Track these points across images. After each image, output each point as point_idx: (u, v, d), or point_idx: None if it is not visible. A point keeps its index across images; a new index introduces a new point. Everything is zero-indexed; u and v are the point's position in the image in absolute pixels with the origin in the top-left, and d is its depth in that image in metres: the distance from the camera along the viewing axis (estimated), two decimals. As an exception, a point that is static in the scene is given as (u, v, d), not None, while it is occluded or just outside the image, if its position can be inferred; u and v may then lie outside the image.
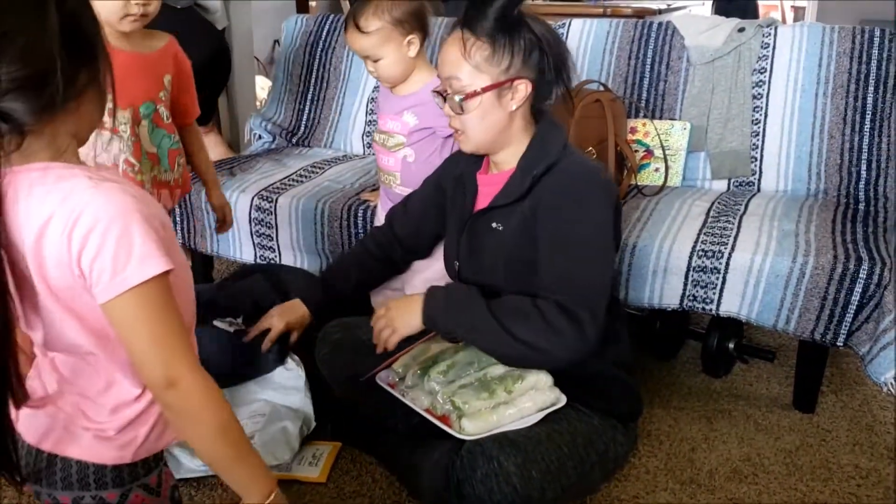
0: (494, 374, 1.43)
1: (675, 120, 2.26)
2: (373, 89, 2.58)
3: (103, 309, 0.86)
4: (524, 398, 1.41)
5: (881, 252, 1.73)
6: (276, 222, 2.15)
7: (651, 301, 1.86)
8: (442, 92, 1.44)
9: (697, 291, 1.80)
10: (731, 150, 2.20)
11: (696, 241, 1.81)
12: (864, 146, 2.08)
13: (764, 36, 2.21)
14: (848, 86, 2.10)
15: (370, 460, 1.65)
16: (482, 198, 1.53)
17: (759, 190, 2.19)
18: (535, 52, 1.39)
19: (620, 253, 1.82)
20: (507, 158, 1.48)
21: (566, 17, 2.55)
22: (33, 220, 0.84)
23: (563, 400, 1.43)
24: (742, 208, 1.99)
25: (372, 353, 1.60)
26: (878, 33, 2.08)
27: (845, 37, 2.12)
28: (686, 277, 1.80)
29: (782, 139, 2.16)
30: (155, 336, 0.86)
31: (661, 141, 2.23)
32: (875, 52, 2.08)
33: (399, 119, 1.79)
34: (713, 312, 1.81)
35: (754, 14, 4.95)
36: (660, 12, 4.22)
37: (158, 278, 0.85)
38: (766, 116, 2.18)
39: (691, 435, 1.76)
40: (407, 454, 1.55)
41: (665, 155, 2.23)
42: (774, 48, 2.19)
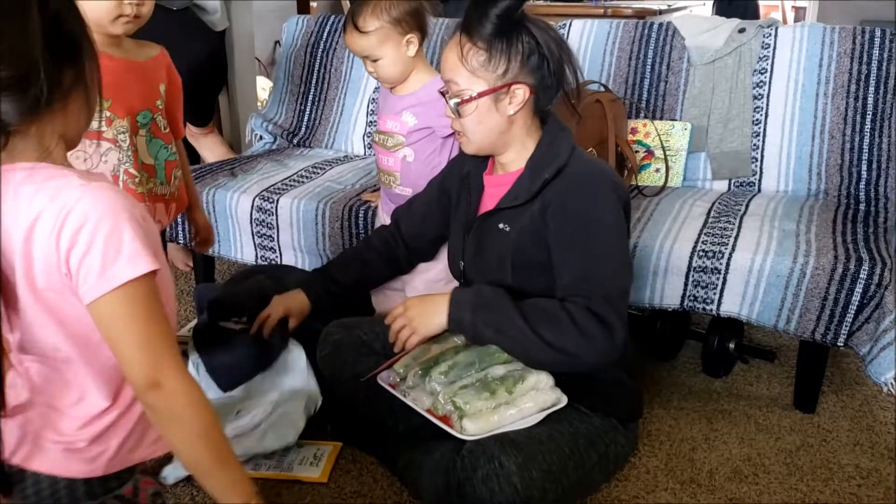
0: (495, 375, 1.43)
1: (675, 120, 2.27)
2: (374, 90, 2.58)
3: (90, 309, 0.85)
4: (525, 398, 1.41)
5: (881, 252, 1.73)
6: (277, 223, 2.15)
7: (651, 301, 1.86)
8: (444, 93, 1.45)
9: (698, 292, 1.80)
10: (731, 151, 2.20)
11: (697, 242, 1.81)
12: (865, 146, 2.08)
13: (764, 36, 2.21)
14: (848, 86, 2.10)
15: (371, 460, 1.65)
16: (488, 198, 1.53)
17: (759, 190, 2.19)
18: (533, 57, 1.38)
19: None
20: (514, 159, 1.48)
21: (567, 17, 2.55)
22: (21, 220, 0.84)
23: (563, 400, 1.43)
24: (743, 209, 1.99)
25: (373, 354, 1.60)
26: (878, 34, 2.09)
27: (846, 37, 2.12)
28: (686, 278, 1.80)
29: (783, 140, 2.16)
30: (141, 336, 0.86)
31: (661, 141, 2.23)
32: (875, 52, 2.08)
33: (398, 119, 1.79)
34: (714, 313, 1.81)
35: (755, 14, 4.96)
36: (660, 13, 4.23)
37: (146, 278, 0.85)
38: (766, 117, 2.18)
39: (692, 435, 1.76)
40: (408, 454, 1.55)
41: (665, 155, 2.23)
42: (775, 49, 2.19)
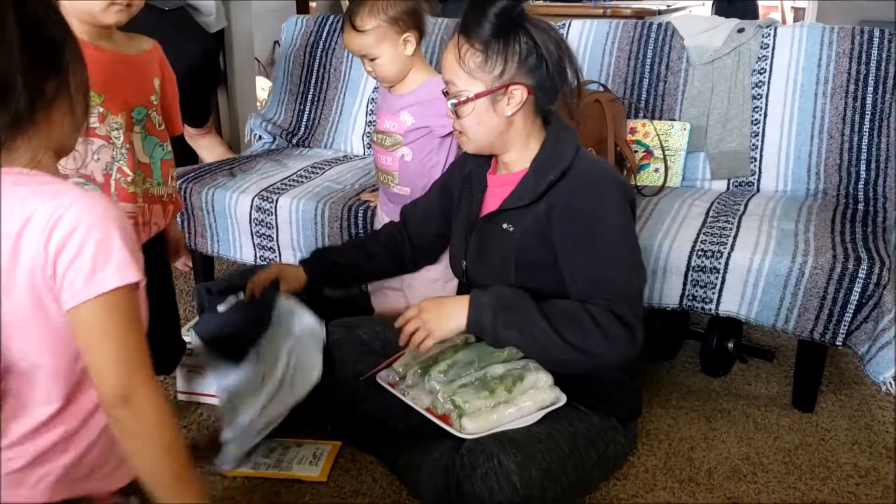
0: (495, 374, 1.43)
1: (674, 120, 2.27)
2: (373, 90, 2.59)
3: (70, 314, 0.83)
4: (524, 397, 1.41)
5: (880, 252, 1.73)
6: (276, 223, 2.15)
7: (650, 301, 1.86)
8: (446, 94, 1.46)
9: (697, 291, 1.81)
10: (730, 151, 2.21)
11: (696, 241, 1.81)
12: (864, 146, 2.08)
13: (763, 36, 2.22)
14: (847, 86, 2.10)
15: (370, 459, 1.65)
16: (491, 198, 1.53)
17: (758, 190, 2.20)
18: (531, 58, 1.38)
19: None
20: (517, 159, 1.48)
21: (566, 17, 2.55)
22: (13, 221, 0.83)
23: (563, 399, 1.43)
24: (741, 208, 1.99)
25: (373, 353, 1.60)
26: (877, 34, 2.09)
27: (845, 37, 2.12)
28: (685, 277, 1.80)
29: (782, 139, 2.16)
30: (118, 346, 0.84)
31: (660, 141, 2.23)
32: (875, 52, 2.08)
33: (396, 118, 1.80)
34: (712, 312, 1.82)
35: (754, 15, 4.96)
36: (659, 13, 4.23)
37: (130, 288, 0.84)
38: (765, 117, 2.18)
39: (690, 434, 1.77)
40: (407, 453, 1.55)
41: (664, 155, 2.23)
42: (774, 49, 2.20)
